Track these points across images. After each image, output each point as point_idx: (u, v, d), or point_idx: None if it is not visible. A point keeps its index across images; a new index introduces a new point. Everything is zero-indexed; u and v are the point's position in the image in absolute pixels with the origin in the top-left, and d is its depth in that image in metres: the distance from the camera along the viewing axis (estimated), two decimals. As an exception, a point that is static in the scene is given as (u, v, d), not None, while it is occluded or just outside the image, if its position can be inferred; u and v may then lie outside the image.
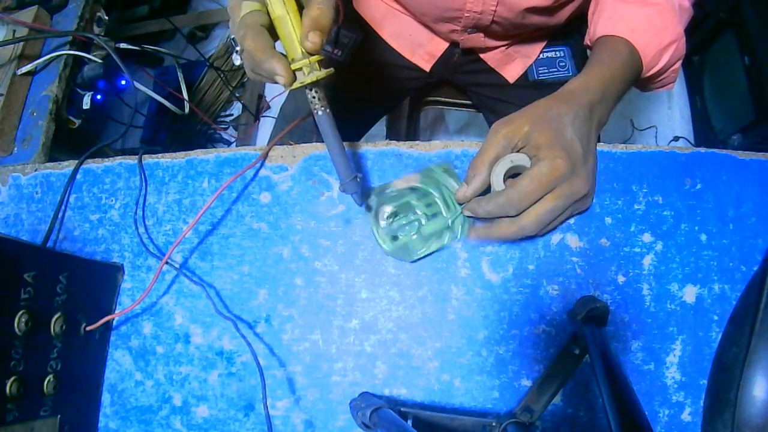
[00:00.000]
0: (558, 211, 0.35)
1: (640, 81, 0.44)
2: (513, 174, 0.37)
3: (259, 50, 0.31)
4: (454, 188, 0.40)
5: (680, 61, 0.43)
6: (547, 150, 0.34)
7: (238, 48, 0.36)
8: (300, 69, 0.32)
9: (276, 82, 0.32)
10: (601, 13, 0.42)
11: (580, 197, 0.36)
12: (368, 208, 0.40)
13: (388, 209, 0.39)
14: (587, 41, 0.46)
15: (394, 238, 0.39)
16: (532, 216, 0.35)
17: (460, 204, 0.39)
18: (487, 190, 0.37)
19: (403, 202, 0.40)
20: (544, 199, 0.35)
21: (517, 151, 0.36)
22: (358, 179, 0.36)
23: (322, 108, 0.33)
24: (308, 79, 0.32)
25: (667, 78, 0.45)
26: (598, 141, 0.41)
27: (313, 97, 0.33)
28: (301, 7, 0.32)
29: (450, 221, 0.39)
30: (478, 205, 0.37)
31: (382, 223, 0.39)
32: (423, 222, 0.39)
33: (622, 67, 0.39)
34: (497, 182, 0.36)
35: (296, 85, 0.32)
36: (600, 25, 0.42)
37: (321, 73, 0.32)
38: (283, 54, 0.32)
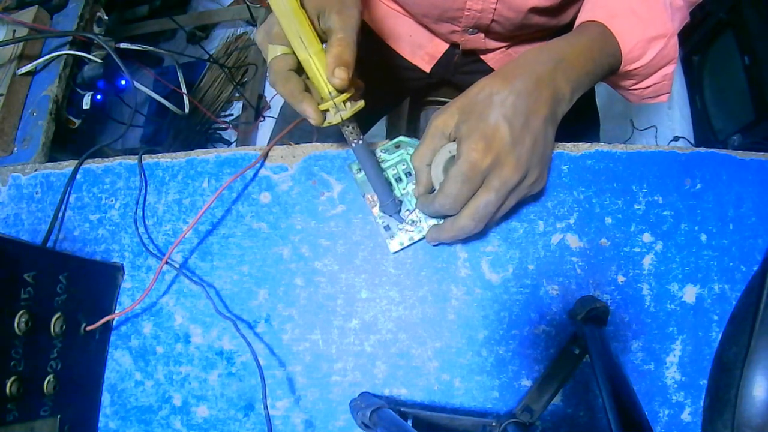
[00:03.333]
0: (492, 204, 0.33)
1: (626, 81, 0.41)
2: None
3: (289, 95, 0.33)
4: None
5: (672, 65, 0.40)
6: (464, 143, 0.33)
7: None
8: (328, 109, 0.33)
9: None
10: (585, 4, 0.40)
11: (515, 184, 0.33)
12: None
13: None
14: None
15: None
16: (466, 215, 0.34)
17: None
18: None
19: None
20: (475, 196, 0.34)
21: (451, 140, 0.35)
22: (397, 201, 0.38)
23: (355, 141, 0.35)
24: (335, 120, 0.33)
25: (660, 85, 0.42)
26: (598, 141, 0.41)
27: (345, 132, 0.35)
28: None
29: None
30: (423, 207, 0.37)
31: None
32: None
33: (590, 42, 0.36)
34: (436, 177, 0.36)
35: (325, 124, 0.34)
36: (583, 14, 0.39)
37: (347, 113, 0.33)
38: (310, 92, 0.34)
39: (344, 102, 0.33)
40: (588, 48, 0.36)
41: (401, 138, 0.41)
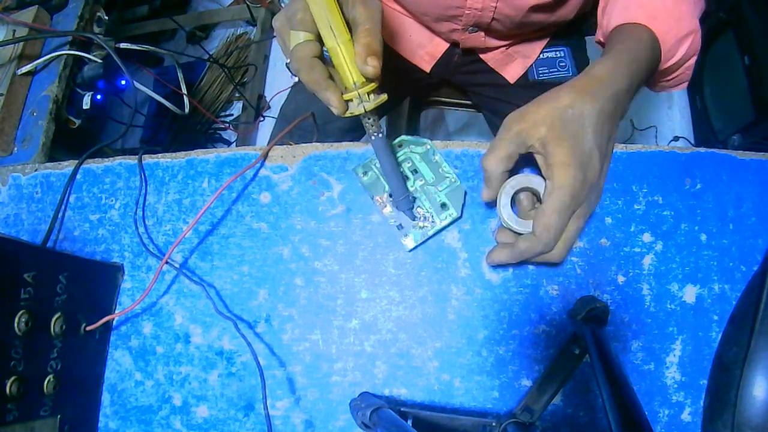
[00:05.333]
0: (580, 232, 0.35)
1: (655, 74, 0.41)
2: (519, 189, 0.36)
3: (313, 82, 0.33)
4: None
5: (695, 57, 0.41)
6: (564, 172, 0.32)
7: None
8: (351, 99, 0.33)
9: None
10: (615, 5, 0.40)
11: (593, 209, 0.36)
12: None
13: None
14: (599, 37, 0.44)
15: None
16: (562, 248, 0.34)
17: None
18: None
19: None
20: (567, 228, 0.33)
21: (531, 152, 0.34)
22: (411, 198, 0.38)
23: (375, 133, 0.35)
24: (357, 111, 0.33)
25: (683, 75, 0.43)
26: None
27: (366, 124, 0.34)
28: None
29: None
30: (503, 254, 0.35)
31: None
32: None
33: (646, 54, 0.36)
34: (505, 201, 0.35)
35: (347, 114, 0.34)
36: (615, 15, 0.39)
37: (370, 104, 0.33)
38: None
39: (368, 94, 0.33)
40: (646, 60, 0.36)
41: (404, 137, 0.41)
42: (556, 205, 0.32)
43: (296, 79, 0.73)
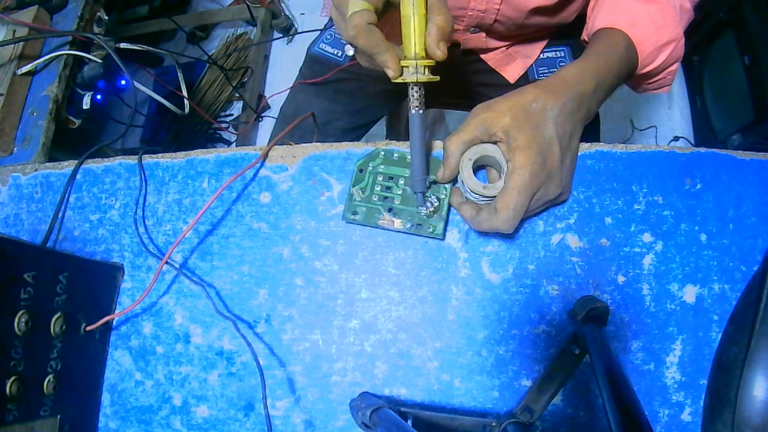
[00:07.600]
0: (527, 211, 0.35)
1: (635, 78, 0.43)
2: (481, 164, 0.39)
3: (373, 45, 0.34)
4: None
5: (678, 63, 0.43)
6: (524, 154, 0.34)
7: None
8: (407, 66, 0.34)
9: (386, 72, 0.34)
10: (601, 7, 0.42)
11: (552, 199, 0.37)
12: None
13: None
14: (584, 36, 0.45)
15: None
16: (509, 219, 0.35)
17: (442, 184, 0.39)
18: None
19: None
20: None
21: (494, 141, 0.36)
22: (427, 182, 0.38)
23: (416, 108, 0.36)
24: (410, 79, 0.34)
25: (664, 80, 0.44)
26: (598, 141, 0.41)
27: (413, 95, 0.35)
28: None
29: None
30: (477, 224, 0.37)
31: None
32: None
33: (618, 59, 0.39)
34: (468, 173, 0.37)
35: (400, 80, 0.34)
36: (599, 18, 0.41)
37: (423, 77, 0.34)
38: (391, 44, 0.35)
39: (424, 67, 0.34)
40: (617, 64, 0.39)
41: (357, 163, 0.41)
42: (516, 183, 0.34)
43: (296, 78, 0.73)
